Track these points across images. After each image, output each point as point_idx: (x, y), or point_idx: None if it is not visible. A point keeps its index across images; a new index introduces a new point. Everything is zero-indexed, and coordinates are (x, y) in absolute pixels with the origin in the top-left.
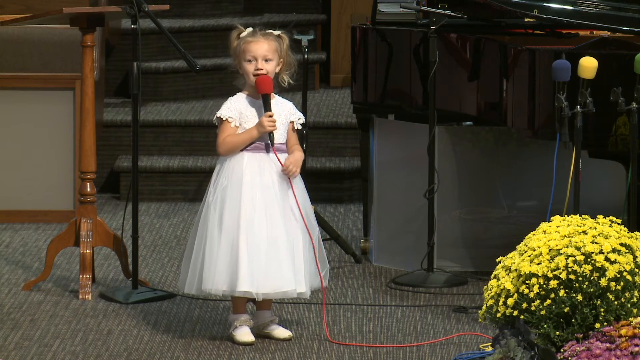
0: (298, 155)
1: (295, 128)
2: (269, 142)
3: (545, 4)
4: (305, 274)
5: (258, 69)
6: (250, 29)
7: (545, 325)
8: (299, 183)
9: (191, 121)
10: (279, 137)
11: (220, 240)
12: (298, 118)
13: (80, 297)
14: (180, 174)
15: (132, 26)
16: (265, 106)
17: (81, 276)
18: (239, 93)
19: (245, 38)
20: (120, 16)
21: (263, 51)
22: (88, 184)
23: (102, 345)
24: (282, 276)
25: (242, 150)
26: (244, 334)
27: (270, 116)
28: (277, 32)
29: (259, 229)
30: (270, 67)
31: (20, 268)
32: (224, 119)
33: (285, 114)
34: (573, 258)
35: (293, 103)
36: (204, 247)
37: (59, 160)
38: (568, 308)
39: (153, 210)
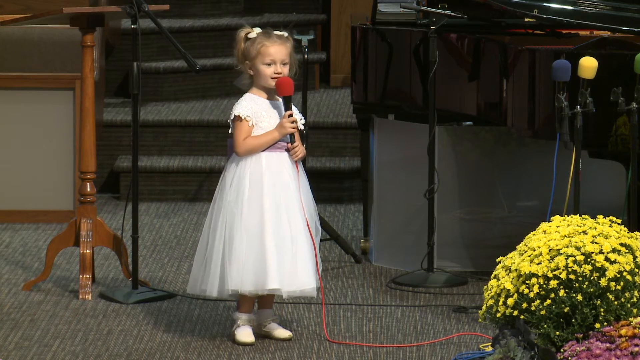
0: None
1: (300, 129)
2: (289, 141)
3: (545, 4)
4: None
5: (278, 73)
6: (258, 30)
7: (545, 325)
8: (304, 184)
9: (191, 121)
10: (287, 136)
11: (244, 241)
12: (301, 118)
13: (80, 297)
14: (180, 174)
15: (132, 26)
16: (286, 107)
17: (81, 276)
18: (248, 93)
19: (262, 41)
20: (120, 16)
21: (282, 55)
22: (88, 184)
23: (102, 345)
24: (305, 274)
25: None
26: (245, 334)
27: (290, 115)
28: (286, 34)
29: (282, 228)
30: (287, 70)
31: (20, 268)
32: (243, 117)
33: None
34: (573, 258)
35: (293, 103)
36: (224, 249)
37: (59, 160)
38: (568, 308)
39: (153, 210)
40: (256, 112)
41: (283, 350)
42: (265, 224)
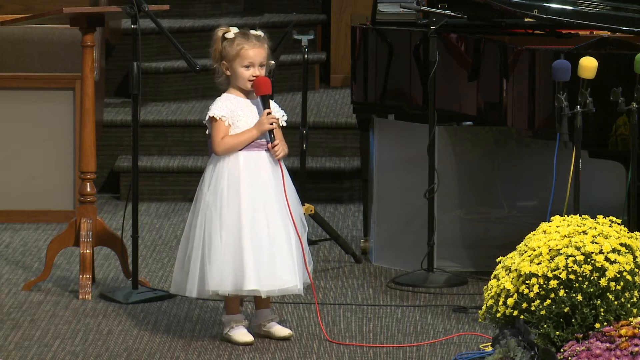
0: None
1: (281, 125)
2: (269, 140)
3: (545, 4)
4: (300, 271)
5: (255, 76)
6: (235, 29)
7: (545, 325)
8: (288, 182)
9: (191, 121)
10: (267, 135)
11: (223, 241)
12: (282, 115)
13: (80, 297)
14: (180, 174)
15: (132, 26)
16: (265, 106)
17: (81, 276)
18: (225, 93)
19: (241, 43)
20: (120, 16)
21: (261, 58)
22: (88, 184)
23: (102, 345)
24: (285, 273)
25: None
26: (243, 334)
27: (269, 113)
28: (262, 34)
29: (259, 228)
30: (264, 72)
31: (20, 268)
32: (218, 118)
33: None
34: (573, 258)
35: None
36: (203, 249)
37: (59, 160)
38: (568, 308)
39: (153, 210)
40: (232, 112)
41: (283, 350)
42: (243, 224)
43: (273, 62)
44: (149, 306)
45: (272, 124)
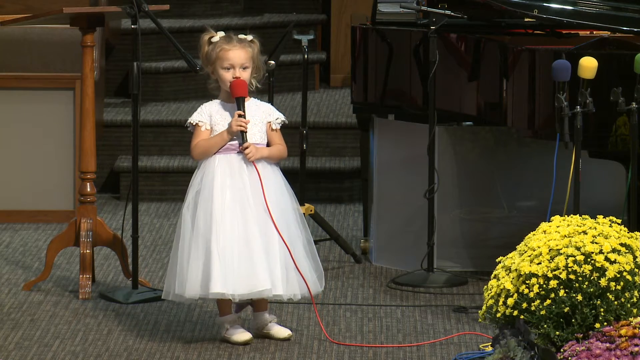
0: (274, 148)
1: (274, 128)
2: (241, 143)
3: (545, 4)
4: (282, 275)
5: (236, 78)
6: (222, 33)
7: (545, 325)
8: (273, 183)
9: None
10: (257, 138)
11: (193, 244)
12: (276, 118)
13: (80, 297)
14: (180, 174)
15: (132, 26)
16: (238, 108)
17: (81, 276)
18: (214, 99)
19: (221, 45)
20: (120, 16)
21: (241, 60)
22: (88, 184)
23: (102, 345)
24: (256, 276)
25: (214, 153)
26: (240, 333)
27: (240, 115)
28: (250, 37)
29: (230, 231)
30: (246, 75)
31: (20, 268)
32: (194, 123)
33: (260, 115)
34: (573, 258)
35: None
36: (181, 252)
37: (59, 160)
38: (568, 308)
39: (153, 210)
40: (211, 117)
41: (283, 351)
42: (212, 227)
43: (273, 62)
44: (149, 306)
45: (239, 124)
